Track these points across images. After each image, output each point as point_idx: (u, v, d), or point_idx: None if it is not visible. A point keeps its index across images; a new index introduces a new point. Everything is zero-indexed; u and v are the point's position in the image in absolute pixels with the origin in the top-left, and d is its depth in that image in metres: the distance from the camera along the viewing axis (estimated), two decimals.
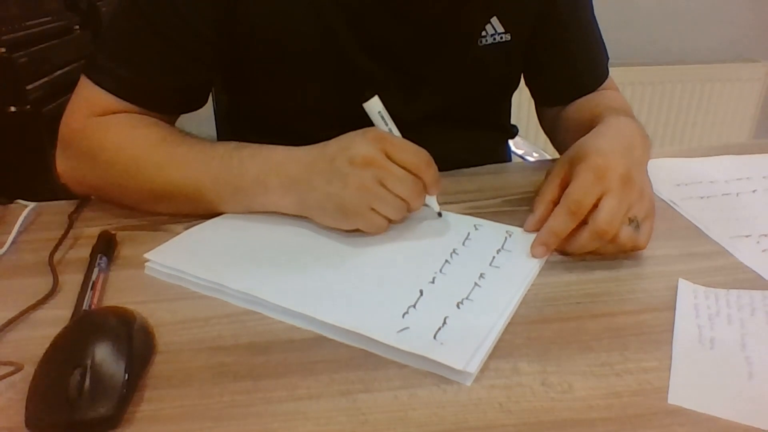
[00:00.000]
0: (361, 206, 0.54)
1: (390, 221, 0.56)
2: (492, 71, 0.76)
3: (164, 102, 0.67)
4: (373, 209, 0.54)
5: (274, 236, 0.57)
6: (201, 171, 0.59)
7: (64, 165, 0.66)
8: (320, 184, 0.55)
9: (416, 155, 0.55)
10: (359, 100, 0.56)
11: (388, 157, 0.53)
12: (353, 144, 0.54)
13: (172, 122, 0.70)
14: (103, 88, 0.64)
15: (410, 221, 0.61)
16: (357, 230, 0.56)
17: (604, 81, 0.81)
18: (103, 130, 0.63)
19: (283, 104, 0.73)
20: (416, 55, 0.71)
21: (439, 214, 0.61)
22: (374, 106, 0.57)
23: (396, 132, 0.58)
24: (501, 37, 0.72)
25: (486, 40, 0.72)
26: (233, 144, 0.60)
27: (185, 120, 0.72)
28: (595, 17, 0.80)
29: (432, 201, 0.60)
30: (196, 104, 0.71)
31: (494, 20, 0.71)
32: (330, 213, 0.56)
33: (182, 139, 0.62)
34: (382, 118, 0.58)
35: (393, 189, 0.54)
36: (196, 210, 0.61)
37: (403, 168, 0.54)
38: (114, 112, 0.64)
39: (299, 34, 0.67)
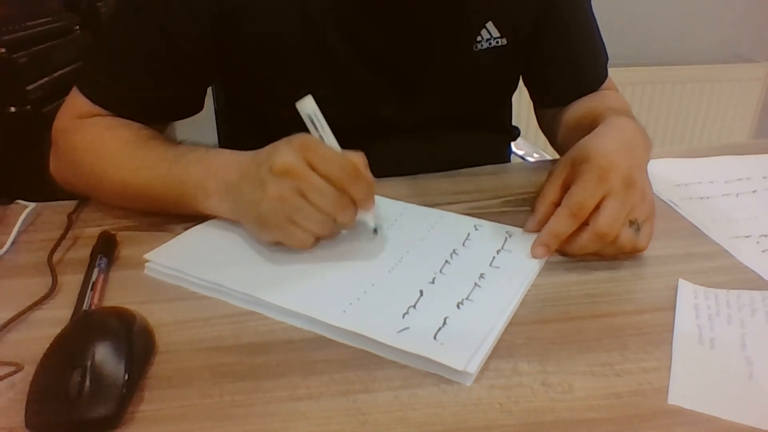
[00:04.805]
0: (278, 217, 0.51)
1: (317, 236, 0.53)
2: (489, 75, 0.76)
3: (142, 111, 0.67)
4: (293, 222, 0.51)
5: None
6: (151, 175, 0.59)
7: (52, 164, 0.68)
8: (247, 190, 0.53)
9: (342, 167, 0.50)
10: (354, 106, 0.55)
11: (312, 167, 0.49)
12: (277, 151, 0.51)
13: (159, 130, 0.70)
14: (83, 94, 0.66)
15: (410, 222, 0.61)
16: (279, 243, 0.53)
17: (604, 81, 0.81)
18: (80, 130, 0.65)
19: (280, 110, 0.73)
20: (410, 61, 0.71)
21: (375, 231, 0.56)
22: (305, 108, 0.52)
23: (329, 139, 0.52)
24: (497, 42, 0.72)
25: (481, 45, 0.72)
26: (186, 148, 0.61)
27: (185, 120, 0.72)
28: (594, 17, 0.80)
29: (367, 216, 0.55)
30: (183, 114, 0.71)
31: (489, 25, 0.71)
32: (251, 222, 0.54)
33: (145, 142, 0.63)
34: (313, 122, 0.52)
35: (314, 201, 0.50)
36: (157, 211, 0.61)
37: (327, 179, 0.50)
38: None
39: (290, 41, 0.66)
